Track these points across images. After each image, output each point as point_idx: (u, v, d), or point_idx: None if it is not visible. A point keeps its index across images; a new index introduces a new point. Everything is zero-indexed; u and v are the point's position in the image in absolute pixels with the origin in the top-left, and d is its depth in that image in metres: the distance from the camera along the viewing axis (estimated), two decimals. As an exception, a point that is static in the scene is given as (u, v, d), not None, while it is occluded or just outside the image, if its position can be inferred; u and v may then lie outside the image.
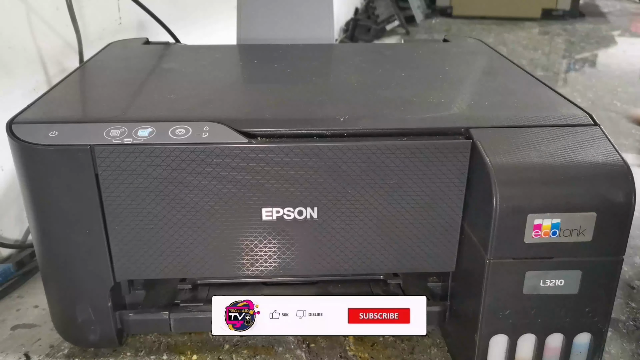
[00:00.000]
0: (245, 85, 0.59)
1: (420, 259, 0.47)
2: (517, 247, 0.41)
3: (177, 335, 0.53)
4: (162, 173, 0.43)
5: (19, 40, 0.66)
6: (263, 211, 0.45)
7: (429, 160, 0.43)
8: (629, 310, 0.58)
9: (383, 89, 0.55)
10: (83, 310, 0.47)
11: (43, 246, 0.46)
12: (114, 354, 0.51)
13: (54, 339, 0.53)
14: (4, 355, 0.52)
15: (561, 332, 0.44)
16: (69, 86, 0.54)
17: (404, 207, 0.45)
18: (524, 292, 0.42)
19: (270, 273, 0.48)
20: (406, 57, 0.68)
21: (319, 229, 0.46)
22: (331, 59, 0.68)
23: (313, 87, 0.55)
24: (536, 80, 0.56)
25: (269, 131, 0.43)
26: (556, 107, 0.48)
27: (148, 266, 0.46)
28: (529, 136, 0.43)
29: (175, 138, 0.42)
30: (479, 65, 0.64)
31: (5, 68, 0.64)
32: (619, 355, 0.52)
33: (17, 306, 0.59)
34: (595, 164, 0.41)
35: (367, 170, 0.44)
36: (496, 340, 0.45)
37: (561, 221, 0.40)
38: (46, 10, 0.72)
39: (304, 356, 0.51)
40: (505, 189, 0.40)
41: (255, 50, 0.67)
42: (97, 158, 0.42)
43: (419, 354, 0.52)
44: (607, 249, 0.41)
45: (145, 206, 0.44)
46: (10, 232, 0.67)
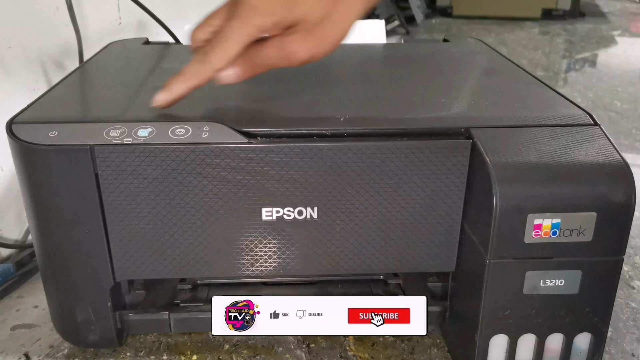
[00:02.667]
0: (245, 85, 0.58)
1: (420, 259, 0.47)
2: (517, 247, 0.41)
3: (177, 335, 0.53)
4: (162, 173, 0.43)
5: (19, 40, 0.66)
6: (263, 211, 0.45)
7: (429, 160, 0.43)
8: (629, 310, 0.58)
9: (383, 89, 0.55)
10: (83, 311, 0.47)
11: (43, 246, 0.46)
12: (114, 354, 0.51)
13: (54, 339, 0.53)
14: (4, 355, 0.52)
15: (561, 332, 0.44)
16: (68, 86, 0.54)
17: (404, 207, 0.45)
18: (524, 292, 0.42)
19: (270, 273, 0.48)
20: (406, 57, 0.68)
21: (319, 229, 0.46)
22: (331, 58, 0.68)
23: (313, 87, 0.55)
24: (536, 80, 0.56)
25: (269, 131, 0.43)
26: (556, 107, 0.48)
27: (148, 266, 0.46)
28: (529, 136, 0.43)
29: (175, 138, 0.42)
30: (479, 65, 0.64)
31: (5, 68, 0.64)
32: (619, 355, 0.52)
33: (17, 306, 0.59)
34: (596, 164, 0.41)
35: (367, 170, 0.44)
36: (496, 340, 0.45)
37: (561, 221, 0.40)
38: (46, 10, 0.72)
39: (304, 356, 0.51)
40: (506, 189, 0.40)
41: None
42: (97, 158, 0.42)
43: (419, 354, 0.52)
44: (607, 249, 0.41)
45: (145, 206, 0.44)
46: (10, 232, 0.67)
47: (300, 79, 0.58)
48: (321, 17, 0.42)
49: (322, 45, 0.42)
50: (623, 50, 1.92)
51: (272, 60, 0.43)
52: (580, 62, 1.76)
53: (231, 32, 0.41)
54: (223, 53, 0.42)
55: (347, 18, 0.43)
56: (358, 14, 0.43)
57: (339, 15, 0.42)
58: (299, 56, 0.42)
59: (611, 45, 1.98)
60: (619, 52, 1.89)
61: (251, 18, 0.41)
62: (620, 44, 2.01)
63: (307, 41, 0.42)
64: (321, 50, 0.43)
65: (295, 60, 0.42)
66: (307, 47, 0.42)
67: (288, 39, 0.41)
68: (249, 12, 0.41)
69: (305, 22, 0.41)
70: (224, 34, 0.41)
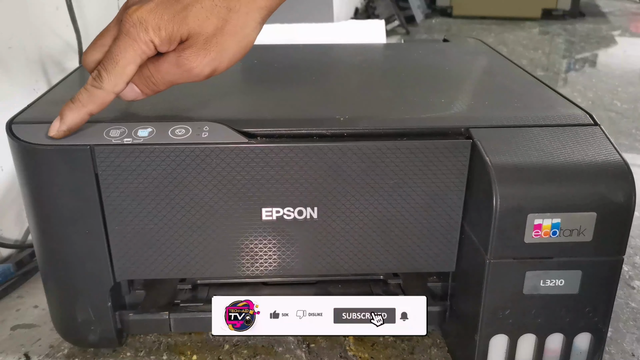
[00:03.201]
0: (245, 85, 0.59)
1: (420, 259, 0.47)
2: (517, 247, 0.41)
3: (177, 335, 0.53)
4: (162, 173, 0.43)
5: (19, 40, 0.66)
6: (263, 211, 0.45)
7: (429, 160, 0.43)
8: (629, 310, 0.58)
9: (383, 89, 0.55)
10: (83, 311, 0.47)
11: (43, 246, 0.46)
12: (114, 354, 0.51)
13: (54, 339, 0.53)
14: (4, 355, 0.52)
15: (561, 332, 0.44)
16: (69, 86, 0.54)
17: (404, 207, 0.45)
18: (524, 292, 0.42)
19: (270, 273, 0.48)
20: (406, 57, 0.68)
21: (319, 229, 0.46)
22: (331, 58, 0.68)
23: (313, 87, 0.55)
24: (536, 80, 0.56)
25: (269, 131, 0.43)
26: (556, 107, 0.48)
27: (148, 266, 0.46)
28: (529, 136, 0.43)
29: (175, 138, 0.42)
30: (479, 65, 0.64)
31: (5, 68, 0.64)
32: (619, 355, 0.52)
33: (17, 306, 0.59)
34: (596, 164, 0.41)
35: (367, 170, 0.44)
36: (496, 340, 0.45)
37: (561, 221, 0.40)
38: (46, 10, 0.72)
39: (304, 356, 0.51)
40: (505, 189, 0.40)
41: (255, 50, 0.67)
42: (97, 158, 0.42)
43: (419, 354, 0.52)
44: (607, 249, 0.41)
45: (145, 206, 0.44)
46: (10, 232, 0.67)
47: (300, 79, 0.58)
48: (215, 29, 0.39)
49: (221, 58, 0.40)
50: (623, 50, 1.92)
51: (171, 76, 0.41)
52: (580, 62, 1.76)
53: (123, 52, 0.39)
54: (117, 75, 0.39)
55: (244, 28, 0.41)
56: (256, 21, 0.41)
57: (234, 25, 0.40)
58: (197, 72, 0.40)
59: (611, 45, 1.98)
60: (619, 52, 1.89)
61: (140, 35, 0.38)
62: (620, 44, 2.01)
63: (203, 55, 0.40)
64: (221, 63, 0.41)
65: (195, 76, 0.40)
66: (205, 62, 0.40)
67: (183, 54, 0.39)
68: (137, 28, 0.38)
69: (198, 36, 0.39)
70: (115, 54, 0.39)
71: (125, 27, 0.39)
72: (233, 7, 0.40)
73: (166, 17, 0.38)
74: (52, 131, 0.41)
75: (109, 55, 0.39)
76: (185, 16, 0.39)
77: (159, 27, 0.38)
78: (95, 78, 0.40)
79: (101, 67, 0.40)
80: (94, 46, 0.42)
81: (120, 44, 0.39)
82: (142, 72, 0.41)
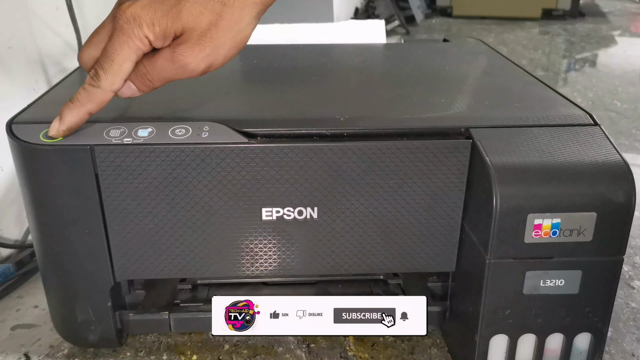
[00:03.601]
0: (245, 85, 0.59)
1: (420, 259, 0.47)
2: (517, 247, 0.41)
3: (177, 335, 0.53)
4: (162, 173, 0.43)
5: (19, 40, 0.66)
6: (263, 211, 0.45)
7: (429, 160, 0.43)
8: (629, 310, 0.58)
9: (383, 89, 0.55)
10: (83, 311, 0.47)
11: (43, 246, 0.46)
12: (114, 354, 0.51)
13: (54, 339, 0.53)
14: (4, 355, 0.52)
15: (561, 332, 0.44)
16: (68, 86, 0.54)
17: (404, 207, 0.45)
18: (524, 292, 0.42)
19: (270, 273, 0.48)
20: (406, 57, 0.68)
21: (319, 229, 0.46)
22: (331, 58, 0.68)
23: (313, 87, 0.55)
24: (536, 80, 0.56)
25: (269, 131, 0.43)
26: (556, 107, 0.48)
27: (148, 266, 0.46)
28: (529, 136, 0.43)
29: (175, 138, 0.42)
30: (479, 65, 0.64)
31: (5, 68, 0.64)
32: (619, 355, 0.52)
33: (17, 306, 0.59)
34: (596, 164, 0.41)
35: (367, 170, 0.44)
36: (496, 340, 0.45)
37: (561, 221, 0.40)
38: (46, 10, 0.72)
39: (304, 356, 0.51)
40: (505, 189, 0.40)
41: (255, 50, 0.67)
42: (97, 158, 0.42)
43: (419, 354, 0.52)
44: (607, 249, 0.41)
45: (145, 206, 0.44)
46: (10, 232, 0.67)
47: (300, 79, 0.58)
48: (209, 24, 0.39)
49: (216, 54, 0.40)
50: (623, 50, 1.92)
51: (167, 73, 0.40)
52: (580, 62, 1.76)
53: (118, 49, 0.39)
54: (114, 74, 0.39)
55: (239, 23, 0.40)
56: (251, 16, 0.41)
57: (228, 20, 0.39)
58: (193, 67, 0.40)
59: (611, 45, 1.98)
60: (619, 52, 1.89)
61: (134, 31, 0.38)
62: (620, 44, 2.01)
63: (198, 50, 0.39)
64: (216, 59, 0.40)
65: (191, 72, 0.40)
66: (200, 57, 0.39)
67: (177, 50, 0.39)
68: (131, 24, 0.38)
69: (192, 31, 0.39)
70: (110, 52, 0.39)
71: (119, 23, 0.39)
72: (227, 2, 0.39)
73: (160, 12, 0.38)
74: (52, 131, 0.41)
75: (104, 54, 0.39)
76: (179, 11, 0.38)
77: (152, 22, 0.38)
78: (92, 77, 0.40)
79: (98, 65, 0.40)
80: (89, 43, 0.42)
81: (115, 42, 0.39)
82: (138, 69, 0.41)
